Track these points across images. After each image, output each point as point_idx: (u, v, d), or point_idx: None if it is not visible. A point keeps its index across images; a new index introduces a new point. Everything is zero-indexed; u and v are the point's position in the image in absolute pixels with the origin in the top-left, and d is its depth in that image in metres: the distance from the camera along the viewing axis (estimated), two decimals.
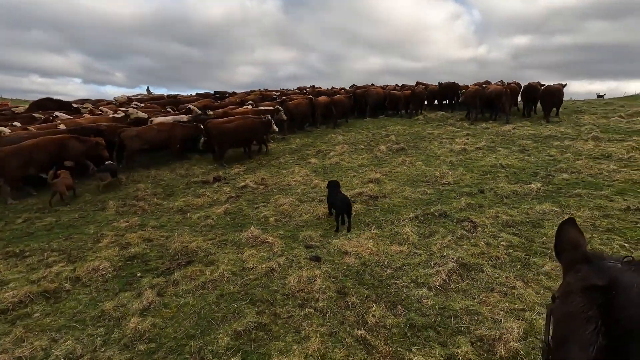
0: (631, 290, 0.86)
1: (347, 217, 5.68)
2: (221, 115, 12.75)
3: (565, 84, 13.26)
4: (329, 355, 3.03)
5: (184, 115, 12.70)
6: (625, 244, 4.52)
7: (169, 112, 14.14)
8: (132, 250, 5.20)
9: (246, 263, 4.70)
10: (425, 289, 3.91)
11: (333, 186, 6.12)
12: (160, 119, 11.73)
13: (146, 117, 11.99)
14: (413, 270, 4.31)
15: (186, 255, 5.06)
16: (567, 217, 5.56)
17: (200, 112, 13.10)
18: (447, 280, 4.04)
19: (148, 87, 29.61)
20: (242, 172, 9.76)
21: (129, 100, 18.82)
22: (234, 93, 22.97)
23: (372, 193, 7.09)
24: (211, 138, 10.56)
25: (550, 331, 1.04)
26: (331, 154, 11.01)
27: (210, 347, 3.20)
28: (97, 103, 18.98)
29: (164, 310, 3.81)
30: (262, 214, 6.57)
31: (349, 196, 6.09)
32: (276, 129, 12.26)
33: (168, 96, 22.75)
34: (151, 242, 5.55)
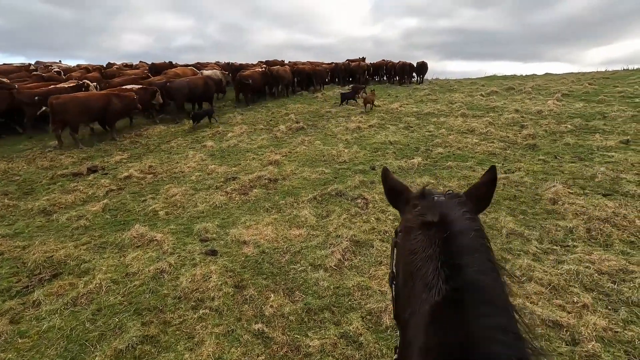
0: (463, 234, 0.92)
1: None
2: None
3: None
4: (225, 356, 2.92)
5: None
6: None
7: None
8: None
9: (130, 267, 4.18)
10: (322, 270, 4.04)
11: None
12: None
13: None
14: (310, 252, 4.41)
15: (51, 267, 4.26)
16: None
17: None
18: (342, 259, 4.25)
19: (60, 60, 24.05)
20: (124, 160, 8.61)
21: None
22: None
23: (271, 176, 6.99)
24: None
25: (394, 261, 1.17)
26: (229, 135, 10.48)
27: None
28: None
29: (20, 341, 3.15)
30: (150, 208, 5.91)
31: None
32: None
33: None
34: (1, 256, 4.52)
